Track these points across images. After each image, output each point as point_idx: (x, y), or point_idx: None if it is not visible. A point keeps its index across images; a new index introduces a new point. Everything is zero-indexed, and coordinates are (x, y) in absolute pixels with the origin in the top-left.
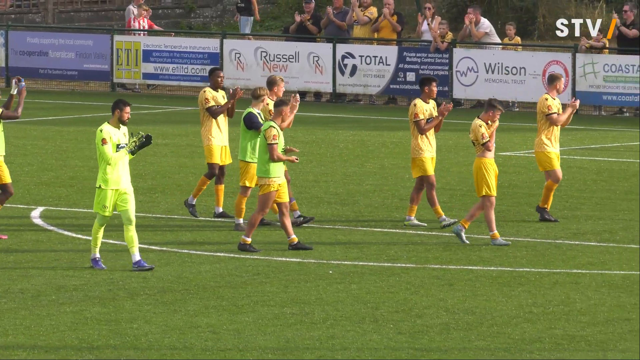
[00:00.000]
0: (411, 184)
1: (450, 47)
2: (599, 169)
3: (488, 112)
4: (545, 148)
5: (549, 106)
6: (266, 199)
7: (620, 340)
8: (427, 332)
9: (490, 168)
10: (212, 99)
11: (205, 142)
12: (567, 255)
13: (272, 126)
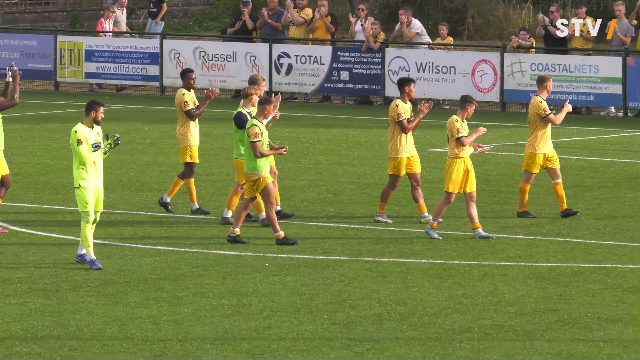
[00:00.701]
0: (345, 179)
1: (383, 47)
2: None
3: (465, 108)
4: (536, 150)
5: (545, 108)
6: (267, 192)
7: (547, 330)
8: (360, 322)
9: (461, 166)
10: (191, 101)
11: (185, 143)
12: (495, 248)
13: (255, 124)
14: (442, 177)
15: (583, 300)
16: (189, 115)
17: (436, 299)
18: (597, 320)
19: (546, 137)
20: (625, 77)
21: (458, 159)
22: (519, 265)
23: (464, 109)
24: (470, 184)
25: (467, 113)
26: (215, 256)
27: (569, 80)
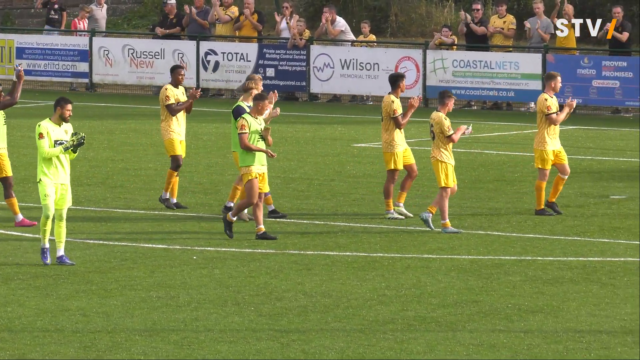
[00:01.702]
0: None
1: (308, 44)
2: None
3: (445, 104)
4: (545, 147)
5: (549, 106)
6: (249, 187)
7: (468, 321)
8: (286, 314)
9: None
10: (172, 96)
11: (166, 136)
12: (418, 241)
13: (244, 117)
14: (366, 171)
15: (504, 292)
16: (169, 109)
17: (360, 291)
18: (517, 311)
19: (554, 133)
20: (544, 74)
21: (442, 162)
22: (441, 257)
23: (444, 105)
24: None
25: (448, 108)
26: (144, 249)
27: (490, 76)
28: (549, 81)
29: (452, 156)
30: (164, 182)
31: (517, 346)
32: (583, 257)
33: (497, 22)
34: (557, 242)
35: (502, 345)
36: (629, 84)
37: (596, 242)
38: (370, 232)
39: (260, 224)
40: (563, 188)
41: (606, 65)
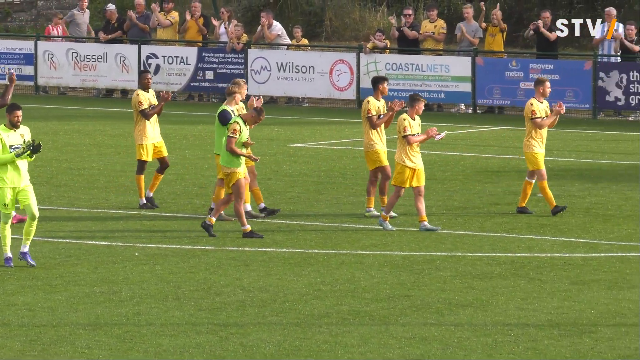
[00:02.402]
0: (210, 174)
1: (246, 48)
2: None
3: (414, 106)
4: (533, 149)
5: (533, 111)
6: (238, 187)
7: (401, 315)
8: (225, 308)
9: (407, 169)
10: (145, 101)
11: (139, 141)
12: (352, 237)
13: (237, 121)
14: (302, 170)
15: (435, 287)
16: (143, 114)
17: (296, 286)
18: (448, 305)
19: (540, 137)
20: (474, 76)
21: (406, 167)
22: (374, 253)
23: (413, 107)
24: (417, 179)
25: (416, 110)
26: (87, 246)
27: (422, 79)
28: (537, 86)
29: (410, 158)
30: (106, 181)
31: (447, 339)
32: (511, 253)
33: (428, 26)
34: (486, 239)
35: (433, 338)
36: (555, 86)
37: (524, 239)
38: (306, 229)
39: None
40: (493, 187)
41: (533, 67)
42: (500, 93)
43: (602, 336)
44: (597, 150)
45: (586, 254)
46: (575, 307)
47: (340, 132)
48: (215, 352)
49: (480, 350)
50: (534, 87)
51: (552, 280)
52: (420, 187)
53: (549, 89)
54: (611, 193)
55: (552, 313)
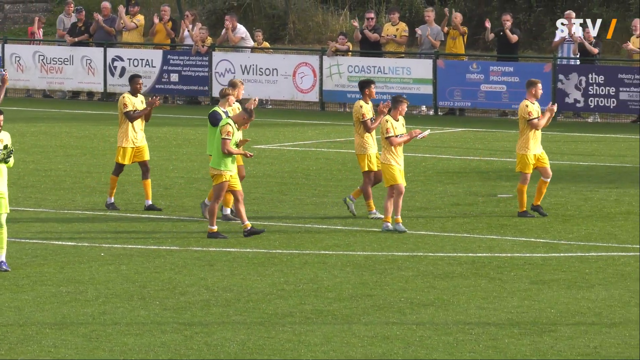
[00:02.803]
0: (175, 175)
1: (210, 51)
2: (344, 160)
3: (397, 108)
4: (527, 151)
5: (530, 112)
6: (219, 188)
7: (363, 314)
8: (189, 308)
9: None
10: (130, 104)
11: (120, 143)
12: (315, 237)
13: (229, 123)
14: (265, 171)
15: (397, 286)
16: (127, 116)
17: (260, 285)
18: (410, 304)
19: (535, 138)
20: (435, 78)
21: (383, 164)
22: (337, 254)
23: (396, 109)
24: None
25: (399, 111)
26: (54, 247)
27: (384, 81)
28: (529, 88)
29: (394, 158)
30: (72, 182)
31: (409, 338)
32: (472, 253)
33: (390, 29)
34: (447, 239)
35: (395, 337)
36: (515, 88)
37: (484, 239)
38: (269, 229)
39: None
40: (454, 188)
41: (494, 70)
42: (461, 95)
43: (561, 335)
44: (557, 151)
45: (546, 254)
46: (535, 306)
47: (304, 133)
48: (180, 351)
49: (441, 348)
50: (526, 89)
51: (513, 280)
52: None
53: (541, 91)
54: (570, 194)
55: (512, 312)
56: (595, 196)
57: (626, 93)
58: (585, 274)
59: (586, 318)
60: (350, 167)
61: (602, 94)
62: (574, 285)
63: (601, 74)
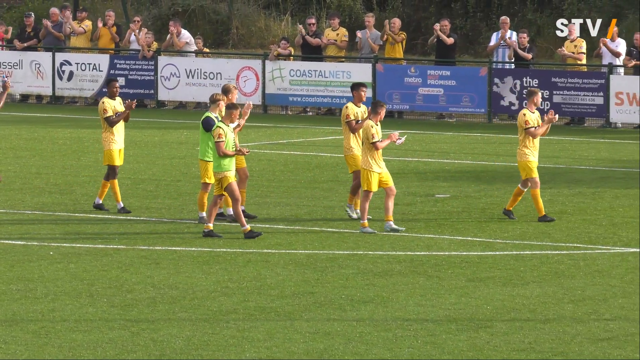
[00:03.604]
0: (122, 175)
1: (156, 55)
2: (285, 161)
3: (378, 112)
4: (527, 157)
5: (527, 121)
6: (231, 189)
7: (305, 311)
8: (136, 305)
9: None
10: (110, 109)
11: (107, 147)
12: (259, 237)
13: (219, 126)
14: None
15: (338, 284)
16: (108, 121)
17: (205, 283)
18: (350, 301)
19: (533, 146)
20: (374, 82)
21: (372, 172)
22: (279, 252)
23: (376, 113)
24: (387, 180)
25: (379, 116)
26: (4, 245)
27: (324, 85)
28: (530, 97)
29: (377, 163)
30: (22, 183)
31: (350, 334)
32: (410, 251)
33: (331, 34)
34: (386, 238)
35: (336, 333)
36: (452, 92)
37: (422, 238)
38: (214, 228)
39: (210, 222)
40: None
41: (431, 74)
42: (399, 98)
43: (497, 331)
44: (492, 152)
45: (482, 252)
46: (472, 303)
47: (247, 135)
48: (127, 347)
49: (381, 344)
50: (527, 98)
51: (450, 278)
52: (392, 187)
53: (541, 99)
54: (506, 194)
55: (449, 309)
56: (529, 196)
57: (560, 96)
58: (520, 271)
59: (521, 314)
60: (292, 168)
61: None
62: (509, 282)
63: (535, 77)
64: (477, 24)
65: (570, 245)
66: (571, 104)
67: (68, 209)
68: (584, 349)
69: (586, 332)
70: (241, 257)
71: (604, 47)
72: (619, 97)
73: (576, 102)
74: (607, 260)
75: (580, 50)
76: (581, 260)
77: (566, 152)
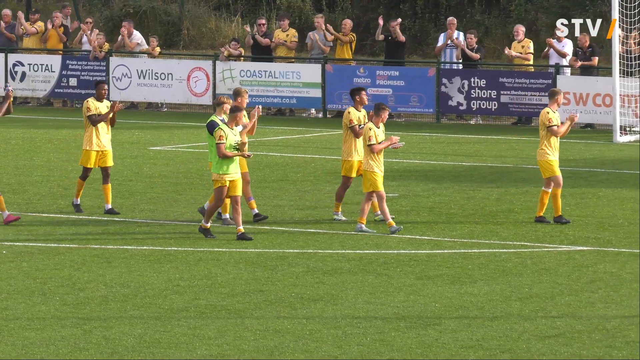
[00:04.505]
0: (75, 175)
1: (107, 56)
2: None
3: (380, 115)
4: (548, 157)
5: (550, 119)
6: (218, 192)
7: (255, 309)
8: (88, 303)
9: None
10: (94, 109)
11: (84, 147)
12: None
13: (221, 128)
14: (161, 172)
15: (288, 282)
16: (90, 120)
17: (156, 281)
18: (300, 299)
19: (555, 146)
20: (324, 82)
21: (365, 171)
22: (230, 251)
23: (378, 116)
24: None
25: (382, 119)
26: None
27: (274, 85)
28: (553, 97)
29: (377, 165)
30: None
31: (300, 331)
32: (360, 250)
33: (281, 35)
34: (336, 237)
35: (287, 331)
36: (400, 92)
37: (371, 236)
38: (165, 227)
39: (239, 225)
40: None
41: (380, 74)
42: (349, 98)
43: (445, 328)
44: (440, 152)
45: (430, 251)
46: (420, 301)
47: (198, 135)
48: (79, 345)
49: (330, 342)
50: (549, 98)
51: (399, 276)
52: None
53: (562, 99)
54: (454, 193)
55: (398, 306)
56: (477, 195)
57: (507, 96)
58: (468, 269)
59: (469, 312)
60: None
61: (483, 97)
62: (457, 280)
63: (483, 77)
64: (425, 25)
65: (518, 244)
66: (519, 103)
67: (21, 209)
68: (531, 345)
69: (533, 329)
70: (192, 256)
71: (551, 47)
72: (566, 97)
73: (524, 102)
74: (554, 258)
75: (528, 50)
76: (528, 259)
77: (514, 152)
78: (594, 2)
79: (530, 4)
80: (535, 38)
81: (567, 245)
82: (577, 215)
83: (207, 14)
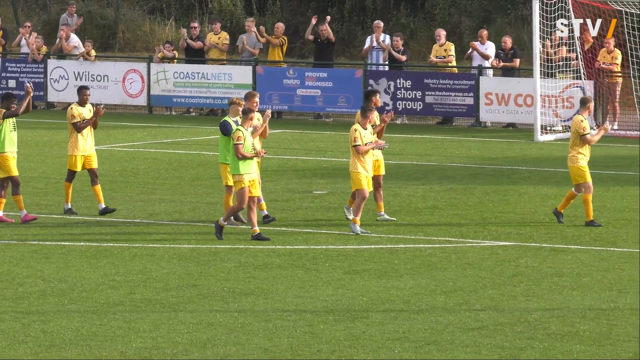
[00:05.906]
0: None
1: (45, 59)
2: (170, 160)
3: (367, 116)
4: (579, 162)
5: (584, 127)
6: (242, 193)
7: (189, 303)
8: (27, 297)
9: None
10: (78, 115)
11: (70, 152)
12: (144, 231)
13: (239, 129)
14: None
15: (220, 277)
16: (75, 127)
17: (93, 276)
18: (232, 293)
19: (587, 153)
20: (255, 84)
21: (357, 172)
22: (164, 246)
23: (365, 117)
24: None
25: (369, 120)
26: None
27: (207, 86)
28: (586, 104)
29: (362, 165)
30: None
31: (232, 324)
32: (290, 245)
33: (213, 38)
34: (266, 232)
35: (219, 324)
36: (329, 93)
37: (301, 232)
38: (102, 224)
39: (254, 225)
40: (272, 185)
41: (309, 76)
42: (279, 99)
43: (373, 321)
44: None
45: (358, 246)
46: (348, 295)
47: (133, 135)
48: (18, 338)
49: (261, 334)
50: (581, 106)
51: (327, 270)
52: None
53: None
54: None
55: (327, 300)
56: (403, 192)
57: (431, 97)
58: (395, 264)
59: (395, 305)
60: (176, 166)
61: (409, 97)
62: (384, 274)
63: (409, 79)
64: (352, 27)
65: (442, 239)
66: (443, 104)
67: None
68: (455, 337)
69: (457, 322)
70: (127, 252)
71: (475, 50)
72: (489, 98)
73: (447, 102)
74: (477, 253)
75: (450, 53)
76: (452, 253)
77: (438, 150)
78: (515, 5)
79: (454, 8)
80: (459, 40)
81: (490, 240)
82: (500, 211)
83: (141, 17)
